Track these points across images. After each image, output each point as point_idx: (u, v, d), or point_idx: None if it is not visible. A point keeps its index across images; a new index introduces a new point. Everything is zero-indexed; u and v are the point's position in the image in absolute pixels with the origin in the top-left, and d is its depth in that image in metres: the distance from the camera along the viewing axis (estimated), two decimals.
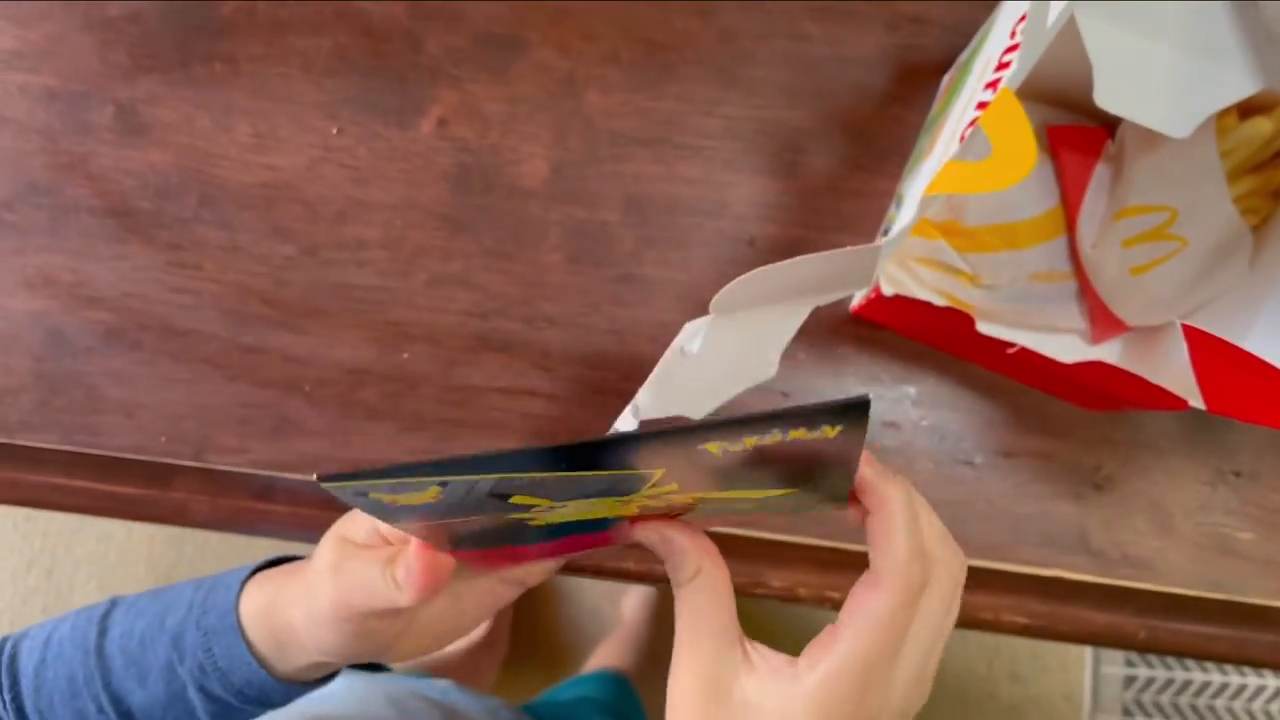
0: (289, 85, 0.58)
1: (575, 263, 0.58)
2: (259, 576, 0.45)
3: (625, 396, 0.52)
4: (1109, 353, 0.53)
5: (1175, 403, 0.44)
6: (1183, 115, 0.42)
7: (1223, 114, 0.46)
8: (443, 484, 0.26)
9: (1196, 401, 0.44)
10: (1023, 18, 0.42)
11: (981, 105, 0.42)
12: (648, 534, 0.37)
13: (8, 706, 0.44)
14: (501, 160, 0.58)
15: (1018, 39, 0.42)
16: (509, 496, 0.28)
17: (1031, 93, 0.52)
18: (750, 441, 0.27)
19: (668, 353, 0.46)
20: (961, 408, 0.58)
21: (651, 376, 0.50)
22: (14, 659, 0.46)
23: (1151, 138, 0.47)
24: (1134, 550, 0.57)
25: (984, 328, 0.49)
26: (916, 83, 0.59)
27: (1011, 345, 0.51)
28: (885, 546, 0.34)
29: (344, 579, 0.41)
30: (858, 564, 0.35)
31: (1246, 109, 0.46)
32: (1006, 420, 0.57)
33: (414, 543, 0.39)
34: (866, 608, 0.34)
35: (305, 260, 0.58)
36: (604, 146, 0.59)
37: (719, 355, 0.44)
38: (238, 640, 0.43)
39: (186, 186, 0.58)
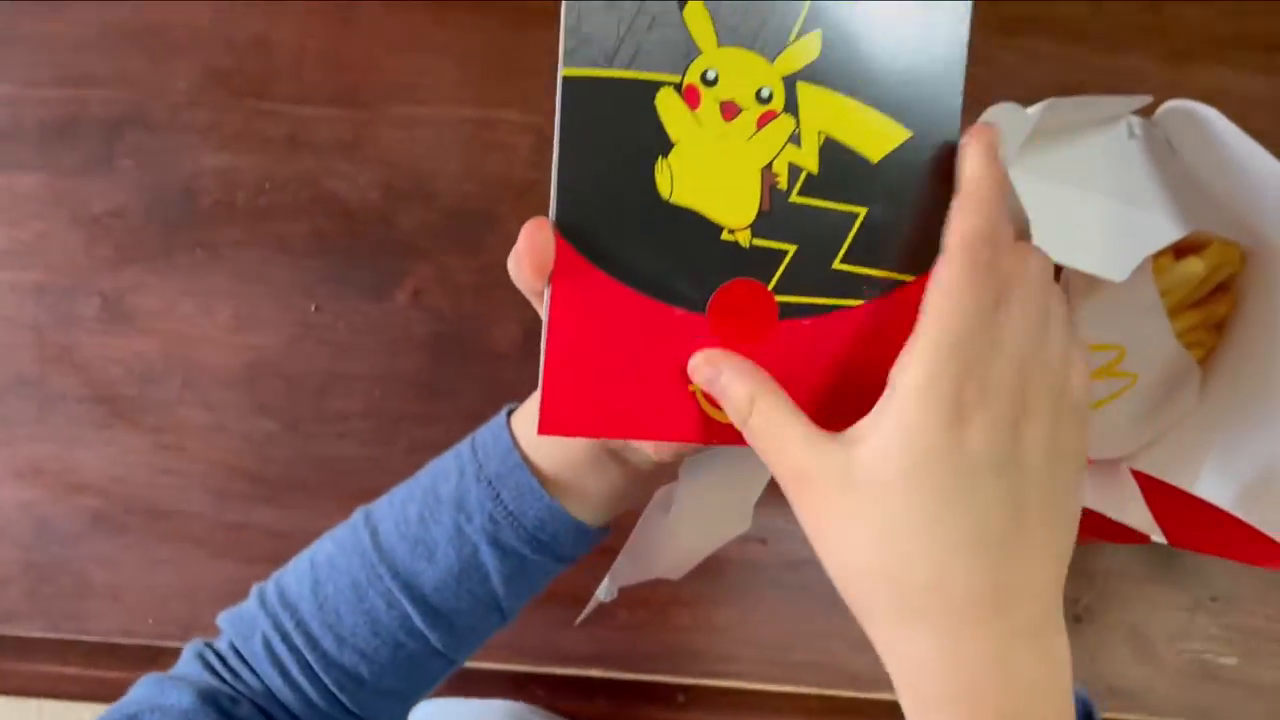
0: (268, 267, 0.61)
1: None
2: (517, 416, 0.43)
3: (610, 551, 0.53)
4: None
5: (1139, 537, 0.45)
6: (1118, 260, 0.44)
7: (1158, 255, 0.48)
8: None
9: (1158, 537, 0.45)
10: None
11: None
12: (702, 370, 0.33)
13: (292, 631, 0.42)
14: (477, 326, 0.60)
15: None
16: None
17: None
18: None
19: (642, 519, 0.47)
20: None
21: (628, 544, 0.50)
22: (283, 592, 0.43)
23: (1093, 280, 0.49)
24: (1120, 682, 0.57)
25: None
26: None
27: None
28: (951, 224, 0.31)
29: None
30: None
31: (1181, 249, 0.48)
32: None
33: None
34: (934, 287, 0.30)
35: (287, 435, 0.59)
36: None
37: (694, 514, 0.45)
38: (526, 476, 0.41)
39: (170, 370, 0.60)
